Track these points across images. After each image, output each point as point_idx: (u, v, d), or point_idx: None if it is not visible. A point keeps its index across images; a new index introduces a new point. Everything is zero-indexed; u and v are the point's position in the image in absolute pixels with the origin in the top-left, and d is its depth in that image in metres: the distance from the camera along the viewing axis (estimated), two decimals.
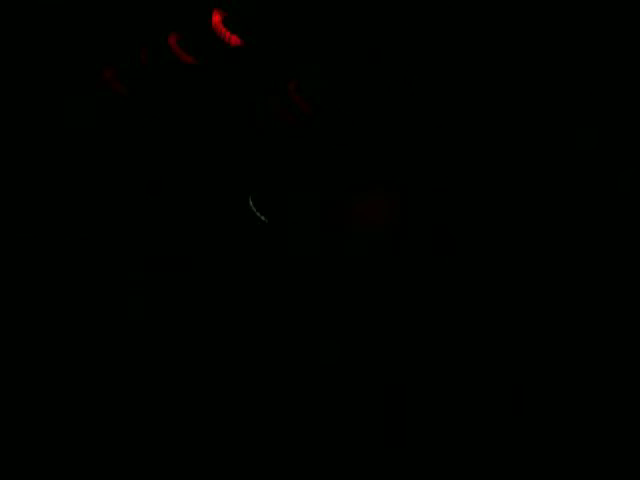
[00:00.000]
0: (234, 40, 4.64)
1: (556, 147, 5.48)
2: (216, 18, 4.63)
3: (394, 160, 4.93)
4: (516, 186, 5.35)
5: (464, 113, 5.30)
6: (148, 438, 4.55)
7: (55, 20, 4.70)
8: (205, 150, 4.98)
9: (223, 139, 4.93)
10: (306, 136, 4.97)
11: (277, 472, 4.59)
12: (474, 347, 4.98)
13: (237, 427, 4.63)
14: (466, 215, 5.04)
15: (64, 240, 4.71)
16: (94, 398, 4.69)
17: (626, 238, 5.31)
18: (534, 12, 5.38)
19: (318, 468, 4.67)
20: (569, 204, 5.39)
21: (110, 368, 4.86)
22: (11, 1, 4.58)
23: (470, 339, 4.76)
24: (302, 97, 4.81)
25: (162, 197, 4.78)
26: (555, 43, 5.45)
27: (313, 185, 4.89)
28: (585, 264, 5.32)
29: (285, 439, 4.65)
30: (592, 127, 5.54)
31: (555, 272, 5.31)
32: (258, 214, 4.63)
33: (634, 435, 4.72)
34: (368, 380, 4.78)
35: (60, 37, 4.65)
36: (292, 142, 4.93)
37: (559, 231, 5.35)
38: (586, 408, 4.92)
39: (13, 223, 4.71)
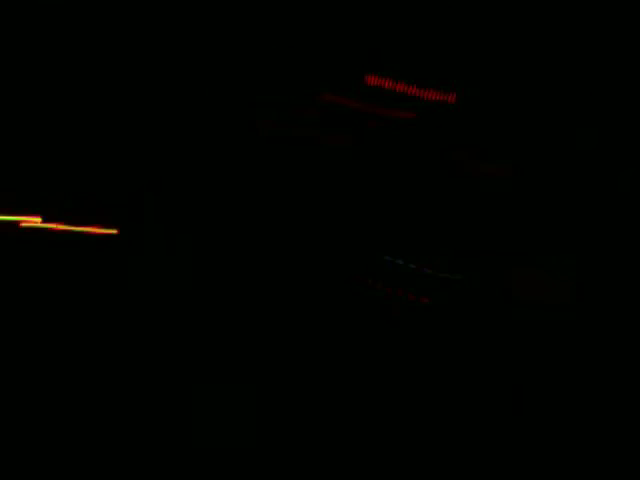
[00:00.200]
0: (432, 95, 4.72)
1: (556, 147, 5.47)
2: (382, 81, 4.71)
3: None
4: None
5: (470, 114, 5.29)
6: (148, 438, 4.53)
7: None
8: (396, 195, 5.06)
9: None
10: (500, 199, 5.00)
11: (278, 472, 4.57)
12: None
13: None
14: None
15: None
16: (96, 399, 4.67)
17: (626, 237, 5.30)
18: (535, 12, 5.37)
19: (318, 467, 4.65)
20: (569, 204, 5.38)
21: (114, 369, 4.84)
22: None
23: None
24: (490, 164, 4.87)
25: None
26: (555, 44, 5.45)
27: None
28: (586, 263, 5.31)
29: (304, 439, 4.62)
30: (592, 127, 5.53)
31: (555, 271, 5.29)
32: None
33: (634, 435, 4.71)
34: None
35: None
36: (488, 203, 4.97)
37: (560, 232, 5.34)
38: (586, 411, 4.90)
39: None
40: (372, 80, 4.95)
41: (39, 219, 4.90)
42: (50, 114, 4.90)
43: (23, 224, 4.83)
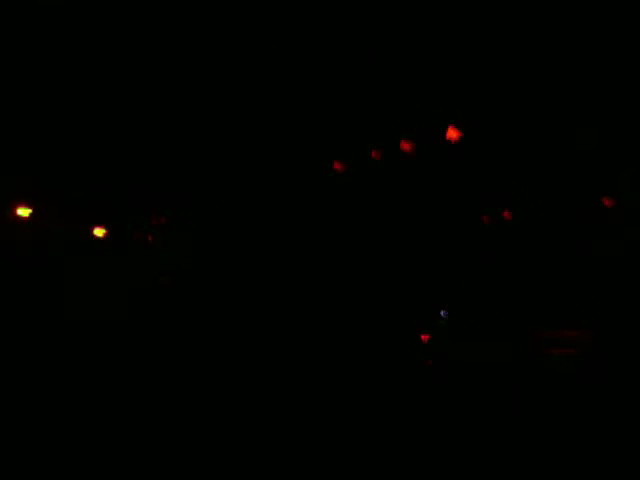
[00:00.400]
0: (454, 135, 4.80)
1: (556, 147, 5.46)
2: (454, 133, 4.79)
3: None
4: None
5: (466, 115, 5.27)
6: (149, 439, 4.52)
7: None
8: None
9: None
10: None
11: (277, 472, 4.56)
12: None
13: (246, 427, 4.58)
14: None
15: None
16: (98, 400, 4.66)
17: (626, 238, 5.29)
18: (535, 13, 5.36)
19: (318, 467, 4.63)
20: (568, 204, 5.38)
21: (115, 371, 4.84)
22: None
23: None
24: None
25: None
26: (555, 44, 5.44)
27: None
28: (585, 264, 5.31)
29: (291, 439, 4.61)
30: (592, 127, 5.52)
31: (555, 271, 5.29)
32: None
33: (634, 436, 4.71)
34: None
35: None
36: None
37: (560, 232, 5.33)
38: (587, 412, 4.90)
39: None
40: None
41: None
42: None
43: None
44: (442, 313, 4.88)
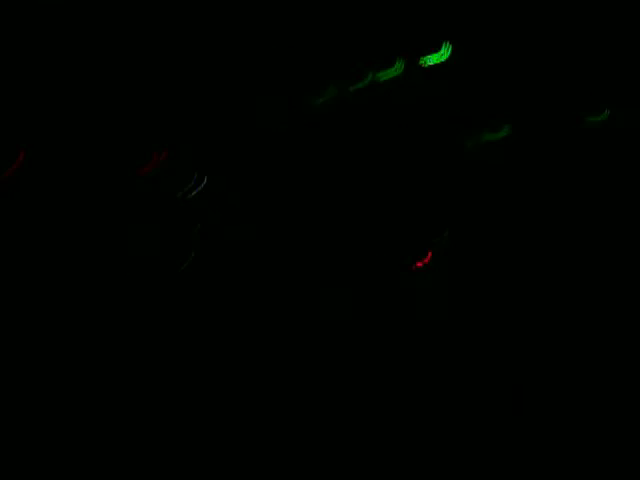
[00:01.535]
0: None
1: (558, 145, 5.44)
2: None
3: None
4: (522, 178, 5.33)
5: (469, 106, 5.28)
6: (149, 438, 4.56)
7: None
8: None
9: None
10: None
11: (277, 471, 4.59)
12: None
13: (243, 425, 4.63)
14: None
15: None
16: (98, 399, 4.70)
17: (626, 237, 5.27)
18: (536, 11, 5.34)
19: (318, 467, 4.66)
20: (570, 202, 5.36)
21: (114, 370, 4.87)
22: None
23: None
24: None
25: None
26: (556, 42, 5.42)
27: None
28: (586, 261, 5.29)
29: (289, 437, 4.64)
30: (597, 121, 5.50)
31: (556, 268, 5.28)
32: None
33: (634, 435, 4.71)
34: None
35: None
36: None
37: (560, 230, 5.32)
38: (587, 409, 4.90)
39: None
40: None
41: None
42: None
43: None
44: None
